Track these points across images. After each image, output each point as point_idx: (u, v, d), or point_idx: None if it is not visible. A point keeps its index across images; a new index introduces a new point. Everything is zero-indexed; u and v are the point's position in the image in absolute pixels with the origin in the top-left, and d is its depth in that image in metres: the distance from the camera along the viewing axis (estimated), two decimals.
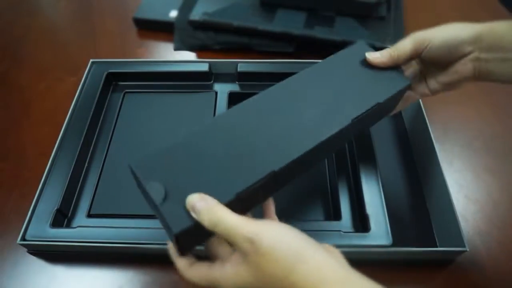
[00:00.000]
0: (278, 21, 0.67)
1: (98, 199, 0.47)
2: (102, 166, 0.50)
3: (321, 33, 0.64)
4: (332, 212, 0.47)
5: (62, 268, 0.45)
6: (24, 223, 0.43)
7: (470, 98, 0.60)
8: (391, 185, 0.49)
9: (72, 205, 0.47)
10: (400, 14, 0.70)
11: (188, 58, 0.68)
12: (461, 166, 0.53)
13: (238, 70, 0.57)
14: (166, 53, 0.70)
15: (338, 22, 0.67)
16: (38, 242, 0.42)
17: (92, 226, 0.43)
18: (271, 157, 0.32)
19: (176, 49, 0.69)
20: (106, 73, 0.58)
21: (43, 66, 0.68)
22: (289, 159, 0.32)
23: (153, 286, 0.43)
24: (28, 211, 0.44)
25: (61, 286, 0.44)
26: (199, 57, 0.68)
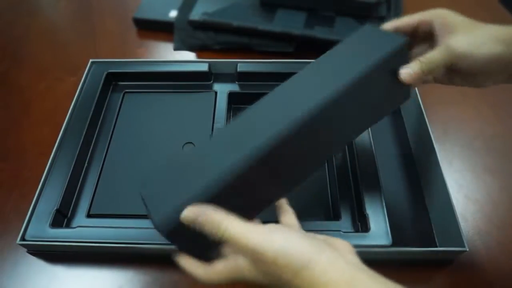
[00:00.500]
0: (278, 21, 0.67)
1: (98, 199, 0.47)
2: (101, 166, 0.50)
3: (321, 33, 0.64)
4: (331, 212, 0.47)
5: (61, 268, 0.45)
6: (23, 223, 0.43)
7: (470, 98, 0.60)
8: (391, 185, 0.49)
9: (71, 205, 0.47)
10: (400, 14, 0.70)
11: (188, 58, 0.68)
12: (461, 166, 0.53)
13: (238, 70, 0.57)
14: (166, 53, 0.70)
15: (338, 22, 0.67)
16: (37, 242, 0.42)
17: (91, 226, 0.43)
18: (262, 137, 0.31)
19: (176, 49, 0.69)
20: (106, 73, 0.58)
21: (43, 66, 0.68)
22: (275, 134, 0.31)
23: (153, 286, 0.43)
24: (27, 211, 0.44)
25: (61, 286, 0.44)
26: (199, 57, 0.68)
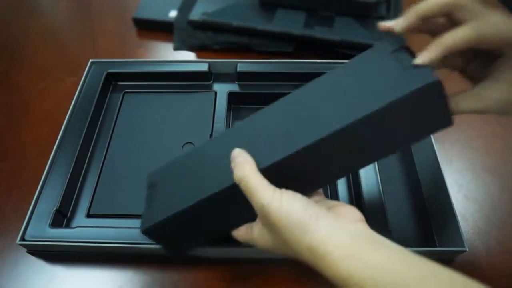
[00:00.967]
0: (278, 21, 0.67)
1: (98, 199, 0.47)
2: (101, 166, 0.50)
3: (320, 33, 0.64)
4: None
5: (61, 268, 0.45)
6: (23, 223, 0.43)
7: None
8: (390, 185, 0.49)
9: (71, 205, 0.47)
10: (399, 14, 0.70)
11: (187, 58, 0.68)
12: (460, 166, 0.53)
13: (238, 70, 0.57)
14: (166, 53, 0.70)
15: (338, 22, 0.67)
16: (37, 242, 0.42)
17: (91, 226, 0.43)
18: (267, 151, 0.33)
19: (175, 49, 0.69)
20: (105, 73, 0.58)
21: (43, 66, 0.68)
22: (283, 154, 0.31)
23: (152, 286, 0.43)
24: (27, 211, 0.44)
25: (60, 286, 0.44)
26: (199, 57, 0.68)
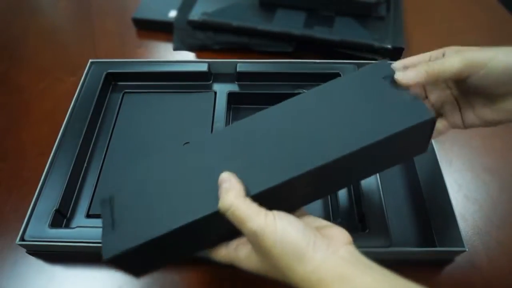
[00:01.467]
0: (278, 21, 0.67)
1: (97, 199, 0.47)
2: (101, 166, 0.50)
3: (320, 33, 0.64)
4: (331, 211, 0.47)
5: (61, 268, 0.45)
6: (23, 224, 0.43)
7: None
8: (390, 185, 0.49)
9: (71, 205, 0.47)
10: (399, 14, 0.70)
11: (187, 58, 0.68)
12: (460, 166, 0.53)
13: (238, 70, 0.57)
14: (166, 53, 0.70)
15: (338, 22, 0.67)
16: (37, 242, 0.42)
17: (91, 226, 0.43)
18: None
19: (175, 49, 0.69)
20: (105, 73, 0.58)
21: (43, 66, 0.68)
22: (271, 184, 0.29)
23: (152, 286, 0.43)
24: (27, 211, 0.44)
25: (60, 286, 0.44)
26: (199, 57, 0.68)
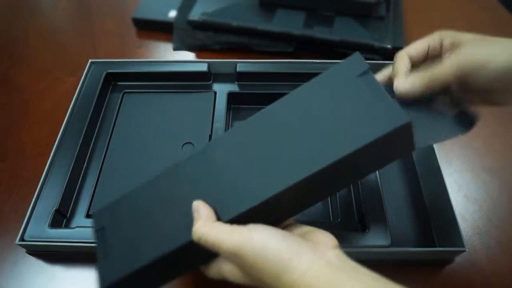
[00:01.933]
0: (278, 21, 0.67)
1: (97, 200, 0.47)
2: (101, 166, 0.50)
3: (320, 33, 0.64)
4: (330, 212, 0.47)
5: (61, 268, 0.45)
6: (23, 224, 0.43)
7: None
8: (390, 185, 0.49)
9: (71, 205, 0.47)
10: (399, 13, 0.70)
11: (187, 58, 0.68)
12: (460, 166, 0.53)
13: (237, 70, 0.57)
14: (165, 53, 0.70)
15: (338, 22, 0.67)
16: (36, 242, 0.42)
17: (91, 226, 0.43)
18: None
19: (175, 49, 0.69)
20: (105, 73, 0.58)
21: (43, 66, 0.68)
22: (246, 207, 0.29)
23: None
24: (27, 212, 0.44)
25: (60, 286, 0.44)
26: (198, 57, 0.68)
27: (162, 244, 0.31)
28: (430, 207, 0.48)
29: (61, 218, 0.45)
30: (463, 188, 0.50)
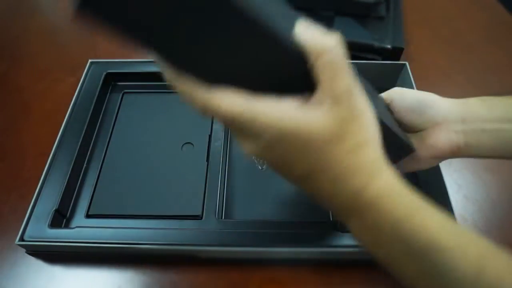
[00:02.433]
0: None
1: (97, 200, 0.47)
2: (100, 166, 0.50)
3: None
4: (330, 212, 0.47)
5: (60, 268, 0.45)
6: (22, 224, 0.43)
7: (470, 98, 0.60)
8: None
9: (70, 205, 0.47)
10: (399, 13, 0.70)
11: None
12: (460, 166, 0.53)
13: None
14: None
15: (337, 22, 0.66)
16: (36, 242, 0.42)
17: (90, 226, 0.43)
18: None
19: None
20: (105, 73, 0.58)
21: (42, 66, 0.68)
22: None
23: (152, 286, 0.43)
24: (26, 212, 0.44)
25: (59, 286, 0.44)
26: None
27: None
28: None
29: (60, 218, 0.45)
30: (463, 188, 0.50)
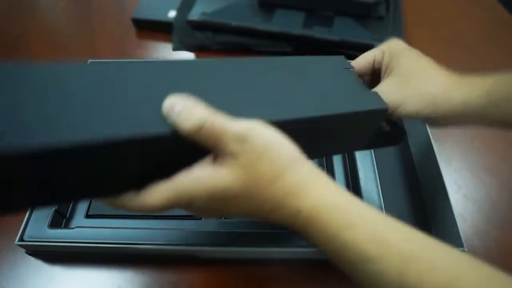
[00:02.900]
0: (277, 21, 0.67)
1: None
2: None
3: (320, 33, 0.64)
4: None
5: (60, 268, 0.45)
6: (22, 224, 0.43)
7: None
8: (389, 185, 0.49)
9: (70, 205, 0.47)
10: (399, 13, 0.70)
11: (186, 58, 0.68)
12: (460, 166, 0.53)
13: None
14: (165, 53, 0.70)
15: (337, 22, 0.67)
16: (36, 242, 0.42)
17: (90, 226, 0.43)
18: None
19: (174, 49, 0.69)
20: None
21: None
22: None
23: (151, 286, 0.43)
24: (26, 212, 0.44)
25: (59, 286, 0.44)
26: (198, 57, 0.68)
27: (108, 128, 0.23)
28: (429, 207, 0.48)
29: (60, 218, 0.45)
30: (463, 188, 0.50)
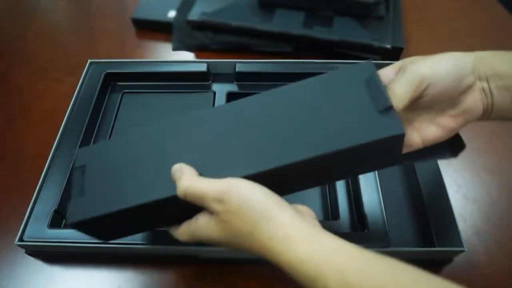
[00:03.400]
0: (277, 21, 0.67)
1: None
2: None
3: (319, 33, 0.64)
4: (330, 212, 0.47)
5: (60, 268, 0.45)
6: (22, 224, 0.43)
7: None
8: (389, 185, 0.49)
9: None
10: (398, 13, 0.70)
11: (186, 58, 0.68)
12: (459, 166, 0.53)
13: (237, 70, 0.57)
14: (165, 53, 0.70)
15: (337, 22, 0.67)
16: (36, 242, 0.42)
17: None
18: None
19: (174, 49, 0.69)
20: (104, 73, 0.58)
21: (42, 66, 0.68)
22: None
23: (151, 286, 0.43)
24: (26, 212, 0.44)
25: (59, 286, 0.44)
26: (198, 57, 0.68)
27: (143, 193, 0.31)
28: (429, 207, 0.48)
29: (60, 218, 0.45)
30: (463, 188, 0.50)
